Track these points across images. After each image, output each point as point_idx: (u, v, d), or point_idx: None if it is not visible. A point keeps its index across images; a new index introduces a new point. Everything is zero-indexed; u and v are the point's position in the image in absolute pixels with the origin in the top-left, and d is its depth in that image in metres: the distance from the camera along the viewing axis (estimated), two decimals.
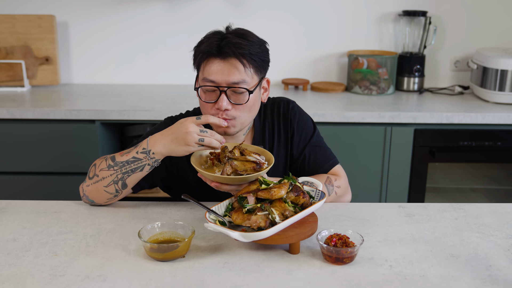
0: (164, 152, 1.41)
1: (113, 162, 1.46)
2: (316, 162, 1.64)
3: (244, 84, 1.45)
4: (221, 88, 1.44)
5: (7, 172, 2.56)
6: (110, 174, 1.46)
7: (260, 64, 1.48)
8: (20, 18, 2.82)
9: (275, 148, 1.64)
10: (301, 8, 2.97)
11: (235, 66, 1.44)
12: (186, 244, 1.24)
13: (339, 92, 2.91)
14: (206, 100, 1.48)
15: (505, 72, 2.68)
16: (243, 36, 1.46)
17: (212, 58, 1.45)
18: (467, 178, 3.00)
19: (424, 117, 2.51)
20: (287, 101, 1.67)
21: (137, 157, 1.43)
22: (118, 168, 1.45)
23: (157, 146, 1.41)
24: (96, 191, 1.49)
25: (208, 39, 1.47)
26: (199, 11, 2.96)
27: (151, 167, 1.45)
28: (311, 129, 1.67)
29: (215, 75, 1.44)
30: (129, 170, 1.45)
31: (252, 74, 1.47)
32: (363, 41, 3.03)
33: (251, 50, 1.44)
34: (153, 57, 3.03)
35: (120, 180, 1.46)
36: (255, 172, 1.36)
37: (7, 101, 2.60)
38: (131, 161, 1.44)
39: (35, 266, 1.20)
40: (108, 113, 2.47)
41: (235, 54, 1.43)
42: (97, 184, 1.48)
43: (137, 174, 1.46)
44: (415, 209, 1.54)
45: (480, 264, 1.23)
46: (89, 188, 1.50)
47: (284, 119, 1.64)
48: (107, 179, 1.46)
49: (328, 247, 1.21)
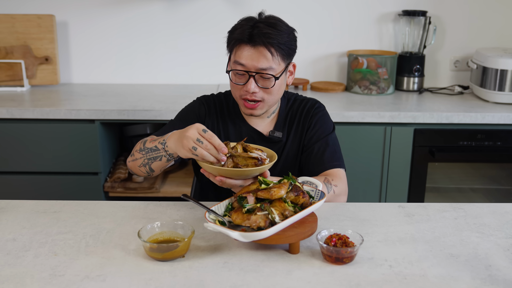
0: (172, 148, 1.45)
1: (143, 147, 1.56)
2: (321, 158, 1.69)
3: (271, 71, 1.58)
4: (250, 73, 1.58)
5: (7, 172, 2.56)
6: (140, 157, 1.58)
7: (287, 52, 1.61)
8: (20, 18, 2.82)
9: (291, 136, 1.74)
10: (301, 8, 2.97)
11: (263, 54, 1.56)
12: (185, 244, 1.24)
13: (339, 92, 2.91)
14: (236, 82, 1.62)
15: (505, 72, 2.68)
16: (273, 25, 1.58)
17: (244, 44, 1.58)
18: (467, 178, 3.00)
19: (424, 117, 2.51)
20: (315, 102, 1.79)
21: (157, 147, 1.51)
22: (145, 154, 1.55)
23: (170, 141, 1.46)
24: (134, 168, 1.63)
25: (241, 26, 1.59)
26: (199, 11, 2.96)
27: (167, 159, 1.50)
28: (328, 130, 1.75)
29: (245, 59, 1.57)
30: (152, 158, 1.54)
31: (279, 61, 1.59)
32: (363, 41, 3.03)
33: (279, 40, 1.56)
34: (153, 57, 3.03)
35: (147, 165, 1.56)
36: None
37: (7, 101, 2.60)
38: (153, 150, 1.52)
39: (34, 266, 1.20)
40: (108, 113, 2.46)
41: (264, 43, 1.55)
42: (134, 163, 1.61)
43: (158, 163, 1.54)
44: (415, 209, 1.54)
45: (480, 264, 1.23)
46: (130, 165, 1.64)
47: (306, 113, 1.75)
48: (139, 161, 1.59)
49: (328, 247, 1.21)
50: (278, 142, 1.73)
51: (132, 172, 1.67)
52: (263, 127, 1.74)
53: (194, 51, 3.03)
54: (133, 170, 1.65)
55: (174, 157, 1.49)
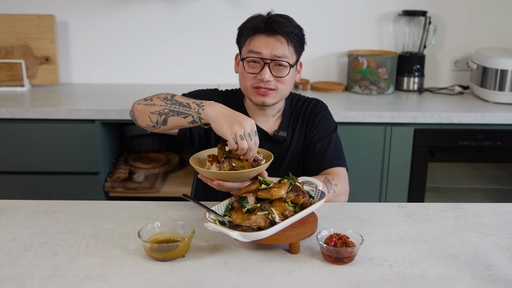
0: (210, 115, 1.40)
1: (171, 98, 1.51)
2: (323, 157, 1.69)
3: (286, 59, 1.61)
4: (265, 60, 1.60)
5: (7, 172, 2.56)
6: (161, 105, 1.50)
7: (299, 45, 1.65)
8: (20, 18, 2.82)
9: (295, 136, 1.75)
10: (301, 8, 2.97)
11: (280, 41, 1.60)
12: (186, 244, 1.24)
13: (339, 92, 2.91)
14: (249, 71, 1.62)
15: (505, 72, 2.68)
16: (286, 18, 1.64)
17: (259, 33, 1.61)
18: (467, 178, 3.00)
19: (424, 117, 2.51)
20: (318, 101, 1.80)
21: (190, 105, 1.45)
22: (171, 105, 1.49)
23: (211, 108, 1.41)
24: (142, 113, 1.54)
25: (253, 19, 1.63)
26: (199, 10, 2.96)
27: (192, 120, 1.45)
28: (331, 129, 1.76)
29: (261, 47, 1.59)
30: (176, 111, 1.47)
31: (292, 52, 1.63)
32: (363, 41, 3.03)
33: (293, 30, 1.61)
34: (153, 57, 3.03)
35: (165, 115, 1.49)
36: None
37: (7, 100, 2.60)
38: (183, 105, 1.47)
39: (35, 266, 1.20)
40: (108, 112, 2.46)
41: (280, 31, 1.59)
42: (147, 107, 1.52)
43: (179, 119, 1.47)
44: (415, 209, 1.54)
45: (480, 264, 1.23)
46: (139, 107, 1.55)
47: (309, 113, 1.77)
48: (156, 107, 1.50)
49: (328, 247, 1.21)
50: (283, 141, 1.73)
51: (133, 117, 1.59)
52: (268, 127, 1.74)
53: (194, 51, 3.03)
54: (137, 114, 1.56)
55: (202, 123, 1.44)
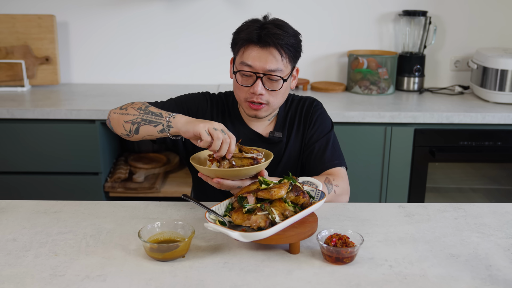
0: (181, 121, 1.43)
1: (144, 108, 1.53)
2: (322, 157, 1.68)
3: (279, 73, 1.57)
4: (258, 74, 1.56)
5: (7, 172, 2.56)
6: (134, 114, 1.53)
7: (294, 54, 1.60)
8: (20, 18, 2.82)
9: (292, 137, 1.73)
10: (301, 8, 2.97)
11: (273, 54, 1.55)
12: (186, 244, 1.24)
13: (339, 92, 2.91)
14: (242, 84, 1.59)
15: (505, 72, 2.68)
16: (281, 27, 1.57)
17: (252, 45, 1.56)
18: (467, 178, 3.00)
19: (424, 117, 2.51)
20: (313, 100, 1.78)
21: (162, 115, 1.48)
22: (144, 114, 1.51)
23: (181, 116, 1.45)
24: (117, 121, 1.57)
25: (248, 27, 1.57)
26: (199, 11, 2.96)
27: (162, 129, 1.47)
28: (327, 128, 1.75)
29: (253, 60, 1.55)
30: (148, 120, 1.50)
31: (286, 63, 1.58)
32: (363, 41, 3.03)
33: (287, 41, 1.56)
34: (153, 57, 3.03)
35: (137, 124, 1.52)
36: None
37: (7, 101, 2.60)
38: (155, 115, 1.49)
39: (35, 266, 1.20)
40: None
41: (274, 44, 1.54)
42: (121, 116, 1.55)
43: (150, 128, 1.49)
44: (415, 209, 1.54)
45: (480, 264, 1.23)
46: (114, 116, 1.58)
47: (306, 113, 1.74)
48: (130, 117, 1.53)
49: (328, 247, 1.21)
50: (279, 142, 1.72)
51: (109, 125, 1.62)
52: (263, 129, 1.73)
53: (194, 51, 3.03)
54: (113, 122, 1.59)
55: (170, 133, 1.46)
